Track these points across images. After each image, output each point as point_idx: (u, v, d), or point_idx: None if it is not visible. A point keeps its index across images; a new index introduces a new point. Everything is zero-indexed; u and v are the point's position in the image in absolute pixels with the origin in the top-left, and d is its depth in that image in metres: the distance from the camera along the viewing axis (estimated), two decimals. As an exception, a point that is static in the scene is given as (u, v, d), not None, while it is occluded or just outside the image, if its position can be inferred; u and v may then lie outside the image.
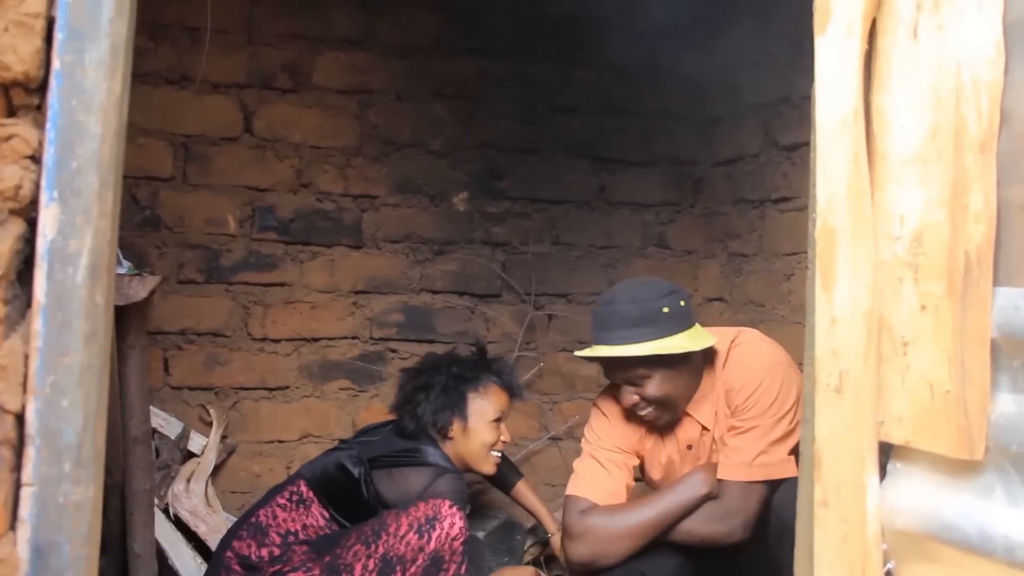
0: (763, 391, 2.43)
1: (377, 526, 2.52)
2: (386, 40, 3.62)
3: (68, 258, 1.20)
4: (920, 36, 1.31)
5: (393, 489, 2.67)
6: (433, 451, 2.78)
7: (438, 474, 2.68)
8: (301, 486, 2.69)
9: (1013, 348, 1.21)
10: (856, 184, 1.36)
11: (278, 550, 2.58)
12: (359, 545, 2.51)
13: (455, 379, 2.87)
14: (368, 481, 2.66)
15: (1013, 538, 1.16)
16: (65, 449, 1.19)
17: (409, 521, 2.50)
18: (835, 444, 1.39)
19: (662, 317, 2.41)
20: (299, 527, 2.62)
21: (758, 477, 2.39)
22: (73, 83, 1.21)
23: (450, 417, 2.83)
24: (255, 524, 2.64)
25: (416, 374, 2.92)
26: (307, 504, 2.65)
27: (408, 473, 2.70)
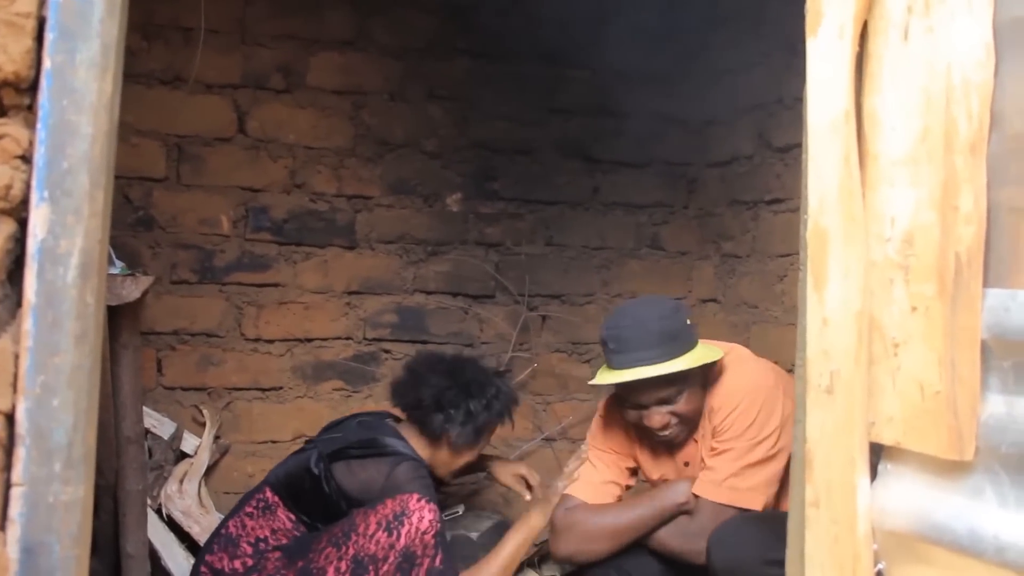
0: (740, 413, 2.42)
1: (347, 527, 2.49)
2: (380, 41, 3.61)
3: (58, 258, 1.20)
4: (911, 38, 1.31)
5: (352, 481, 2.61)
6: (392, 440, 2.72)
7: (396, 462, 2.63)
8: (266, 492, 2.66)
9: (1003, 349, 1.21)
10: (847, 185, 1.37)
11: (251, 560, 2.56)
12: (330, 548, 2.48)
13: (487, 409, 2.80)
14: (328, 476, 2.61)
15: (1003, 539, 1.16)
16: (55, 449, 1.19)
17: (377, 519, 2.46)
18: (826, 445, 1.39)
19: (685, 330, 2.44)
20: (268, 533, 2.59)
21: (724, 500, 2.38)
22: (64, 83, 1.21)
23: (464, 442, 2.77)
24: (226, 536, 2.61)
25: (446, 374, 2.80)
26: (272, 509, 2.62)
27: (367, 464, 2.64)
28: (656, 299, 2.64)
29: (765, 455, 2.38)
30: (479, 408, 2.77)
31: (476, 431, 2.78)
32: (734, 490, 2.38)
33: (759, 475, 2.39)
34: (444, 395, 2.75)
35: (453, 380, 2.78)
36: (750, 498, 2.37)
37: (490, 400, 2.80)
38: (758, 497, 2.37)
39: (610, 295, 3.90)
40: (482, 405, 2.78)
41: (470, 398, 2.77)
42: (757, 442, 2.39)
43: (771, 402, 2.41)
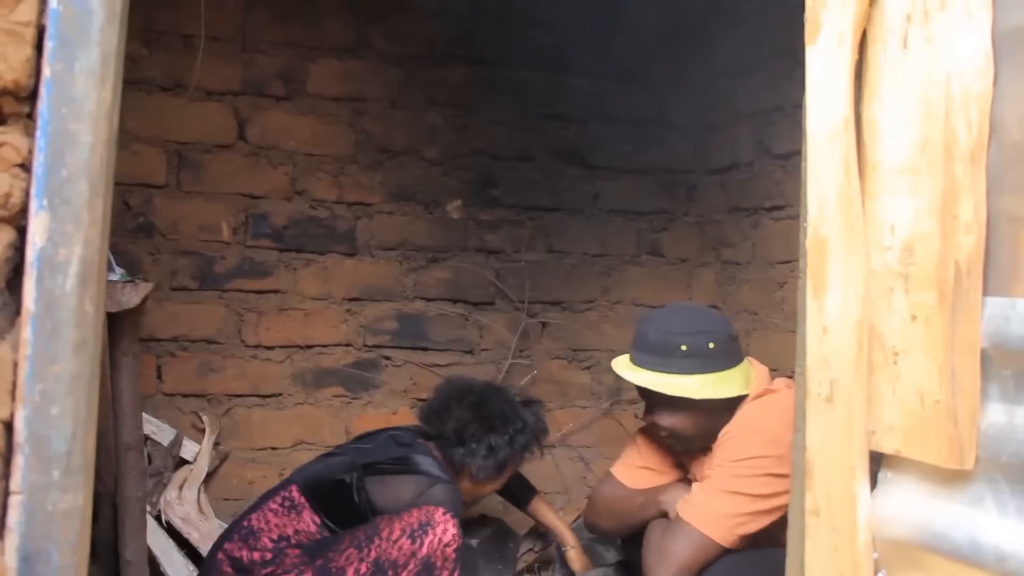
0: (734, 443, 2.41)
1: (370, 531, 2.52)
2: (380, 48, 3.62)
3: (58, 266, 1.20)
4: (910, 47, 1.31)
5: (385, 495, 2.65)
6: (427, 460, 2.75)
7: (431, 483, 2.66)
8: (293, 491, 2.68)
9: (1003, 358, 1.21)
10: (847, 194, 1.37)
11: (270, 554, 2.58)
12: (351, 549, 2.50)
13: (523, 448, 2.84)
14: (360, 487, 2.64)
15: (1003, 548, 1.16)
16: (54, 457, 1.18)
17: (402, 526, 2.49)
18: (826, 453, 1.39)
19: (678, 354, 2.41)
20: (291, 532, 2.61)
21: (690, 518, 2.36)
22: (63, 91, 1.21)
23: (489, 472, 2.80)
24: (247, 528, 2.63)
25: (505, 420, 2.82)
26: (298, 509, 2.64)
27: (401, 480, 2.67)
28: (690, 311, 2.64)
29: (741, 490, 2.33)
30: (501, 443, 2.79)
31: (497, 465, 2.80)
32: (698, 509, 2.35)
33: (726, 505, 2.33)
34: (467, 429, 2.78)
35: (477, 413, 2.80)
36: (709, 524, 2.32)
37: (513, 435, 2.82)
38: (717, 527, 2.31)
39: (610, 302, 3.90)
40: (504, 440, 2.80)
41: (492, 432, 2.79)
42: (737, 475, 2.34)
43: (767, 452, 2.33)
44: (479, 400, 2.84)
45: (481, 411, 2.81)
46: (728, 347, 2.48)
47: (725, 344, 2.47)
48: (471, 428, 2.78)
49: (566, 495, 3.81)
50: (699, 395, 2.40)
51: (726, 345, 2.48)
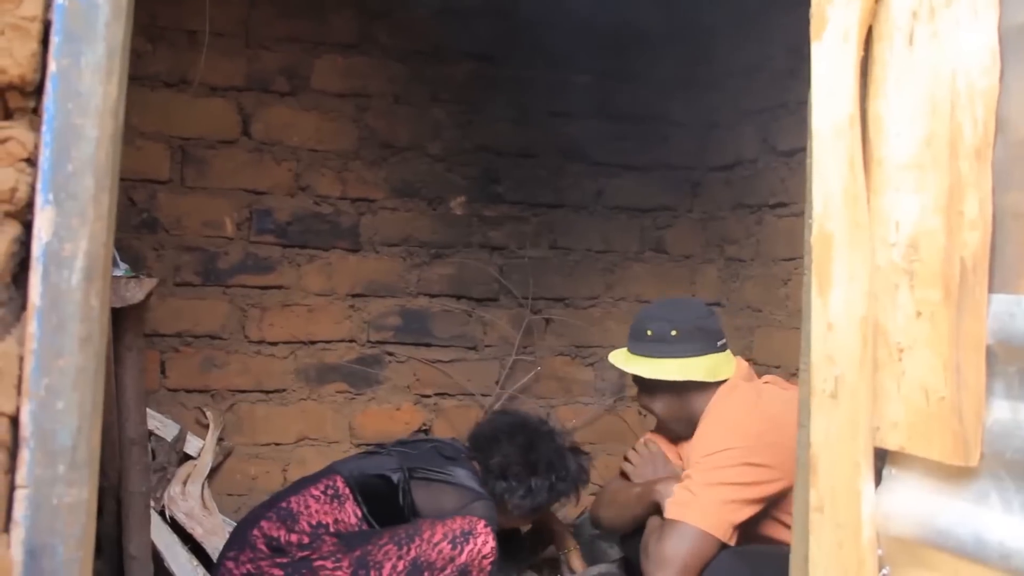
0: (702, 438, 2.48)
1: (411, 530, 2.56)
2: (384, 44, 3.62)
3: (63, 261, 1.20)
4: (916, 43, 1.31)
5: (429, 502, 2.70)
6: (470, 476, 2.80)
7: (475, 498, 2.72)
8: (337, 481, 2.69)
9: (1008, 354, 1.21)
10: (852, 190, 1.36)
11: (307, 538, 2.59)
12: (391, 545, 2.52)
13: (548, 489, 2.84)
14: (407, 490, 2.69)
15: (1008, 545, 1.16)
16: (59, 451, 1.19)
17: (444, 531, 2.53)
18: (830, 450, 1.39)
19: (644, 338, 2.60)
20: (331, 520, 2.62)
21: (681, 516, 2.37)
22: (69, 86, 1.21)
23: (519, 514, 2.86)
24: (286, 510, 2.63)
25: (551, 467, 2.85)
26: (342, 500, 2.66)
27: (446, 489, 2.72)
28: (674, 303, 2.85)
29: (718, 480, 2.36)
30: (541, 488, 2.83)
31: (533, 508, 2.86)
32: (686, 506, 2.37)
33: (711, 496, 2.36)
34: (511, 467, 2.82)
35: (525, 456, 2.83)
36: (700, 517, 2.34)
37: (555, 482, 2.85)
38: (708, 518, 2.33)
39: (614, 298, 3.90)
40: (545, 486, 2.83)
41: (535, 476, 2.82)
42: (712, 467, 2.38)
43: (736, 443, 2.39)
44: (528, 442, 2.87)
45: (529, 454, 2.84)
46: (692, 336, 2.58)
47: (689, 333, 2.58)
48: (515, 468, 2.82)
49: (569, 491, 3.81)
50: (648, 374, 2.55)
51: (690, 334, 2.58)
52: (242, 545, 2.61)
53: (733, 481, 2.35)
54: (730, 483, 2.35)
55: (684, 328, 2.57)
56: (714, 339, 2.61)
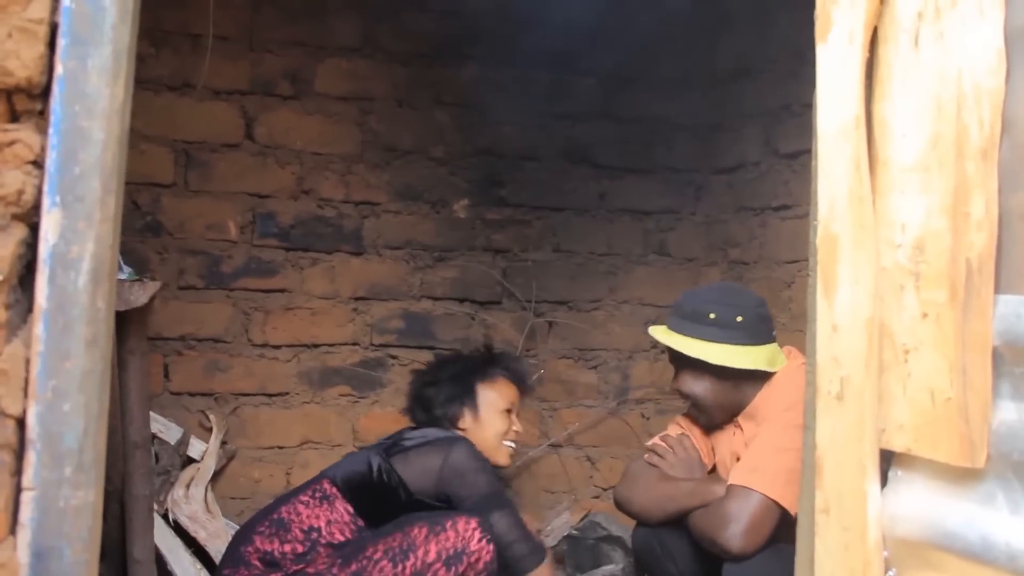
0: (776, 399, 2.44)
1: (405, 543, 2.51)
2: (387, 47, 3.62)
3: (70, 263, 1.20)
4: (921, 45, 1.31)
5: (414, 470, 2.68)
6: (438, 429, 2.83)
7: (451, 445, 2.71)
8: (324, 484, 2.69)
9: (1015, 356, 1.21)
10: (857, 192, 1.37)
11: (301, 547, 2.57)
12: (386, 561, 2.49)
13: (463, 371, 2.92)
14: (389, 469, 2.68)
15: (1015, 546, 1.16)
16: (66, 453, 1.19)
17: (438, 549, 2.50)
18: (836, 451, 1.39)
19: (706, 321, 2.49)
20: (322, 523, 2.61)
21: (741, 481, 2.34)
22: (76, 89, 1.22)
23: (460, 407, 2.87)
24: (277, 520, 2.63)
25: (424, 372, 2.99)
26: (331, 500, 2.65)
27: (423, 452, 2.72)
28: (733, 288, 2.82)
29: (788, 446, 2.27)
30: (457, 372, 2.90)
31: (467, 389, 2.89)
32: (753, 473, 2.34)
33: (780, 463, 2.31)
34: (424, 394, 2.92)
35: (427, 382, 2.94)
36: (767, 484, 2.30)
37: (461, 366, 2.94)
38: (776, 485, 2.29)
39: (617, 301, 3.89)
40: (458, 369, 2.92)
41: (441, 380, 2.91)
42: (785, 425, 2.33)
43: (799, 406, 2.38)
44: (424, 370, 3.04)
45: (425, 372, 3.01)
46: (756, 324, 2.52)
47: (753, 320, 2.52)
48: (428, 391, 2.92)
49: (572, 495, 3.81)
50: (717, 360, 2.45)
51: (754, 322, 2.52)
52: (236, 563, 2.61)
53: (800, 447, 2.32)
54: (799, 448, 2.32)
55: (749, 315, 2.51)
56: (771, 328, 2.58)
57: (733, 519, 2.30)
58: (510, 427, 2.92)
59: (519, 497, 3.76)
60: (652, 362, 3.90)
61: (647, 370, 3.88)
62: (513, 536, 2.60)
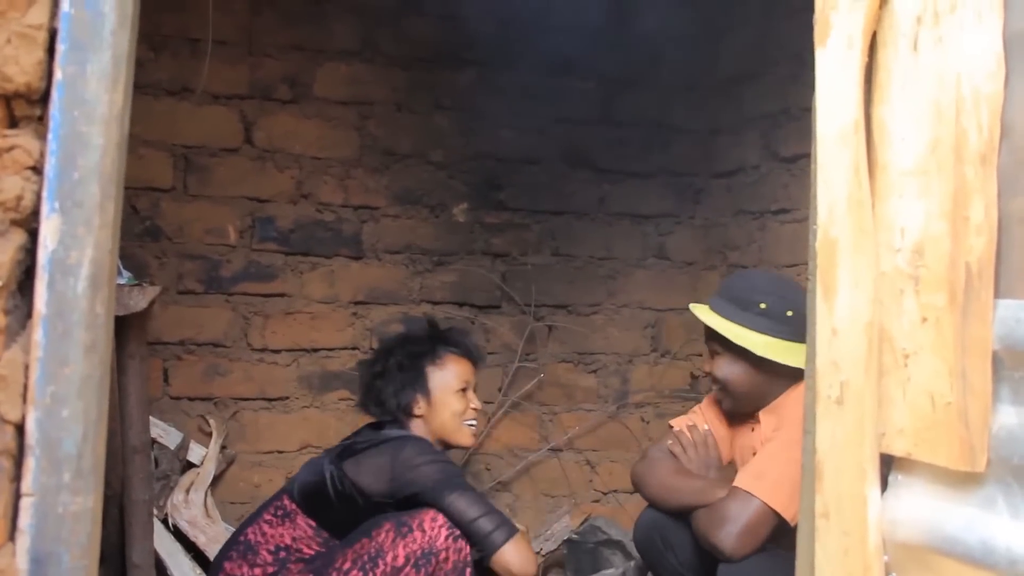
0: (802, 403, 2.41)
1: (373, 550, 2.47)
2: (386, 51, 3.62)
3: (69, 269, 1.20)
4: (920, 49, 1.31)
5: (363, 473, 2.60)
6: (394, 430, 2.72)
7: (400, 445, 2.62)
8: (284, 500, 2.65)
9: (1014, 360, 1.21)
10: (857, 196, 1.37)
11: (272, 567, 2.56)
12: (356, 571, 2.46)
13: (410, 356, 2.79)
14: (341, 475, 2.60)
15: (1015, 551, 1.16)
16: (65, 459, 1.19)
17: (407, 553, 2.45)
18: (836, 456, 1.39)
19: (755, 310, 2.46)
20: (288, 541, 2.58)
21: (750, 487, 2.34)
22: (75, 94, 1.22)
23: (412, 395, 2.74)
24: (244, 543, 2.60)
25: (372, 362, 2.85)
26: (292, 517, 2.61)
27: (373, 454, 2.63)
28: (777, 279, 2.69)
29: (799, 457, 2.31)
30: (404, 361, 2.77)
31: (417, 375, 2.76)
32: (758, 479, 2.33)
33: (787, 473, 2.27)
34: (375, 386, 2.78)
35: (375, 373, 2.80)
36: (770, 492, 2.30)
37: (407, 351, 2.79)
38: (778, 495, 2.29)
39: (616, 305, 3.89)
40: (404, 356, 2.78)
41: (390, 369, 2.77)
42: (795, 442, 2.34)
43: None
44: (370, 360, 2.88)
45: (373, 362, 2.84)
46: (801, 321, 2.49)
47: (800, 317, 2.48)
48: (369, 375, 2.80)
49: (572, 499, 3.80)
50: (760, 352, 2.43)
51: (803, 319, 2.49)
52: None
53: None
54: None
55: (799, 311, 2.45)
56: None
57: (730, 520, 2.31)
58: (467, 405, 2.80)
59: (518, 500, 3.76)
60: (651, 366, 3.90)
61: (646, 374, 3.88)
62: (473, 514, 2.49)
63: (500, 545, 2.47)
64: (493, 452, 3.75)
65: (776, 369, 2.46)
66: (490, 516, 2.51)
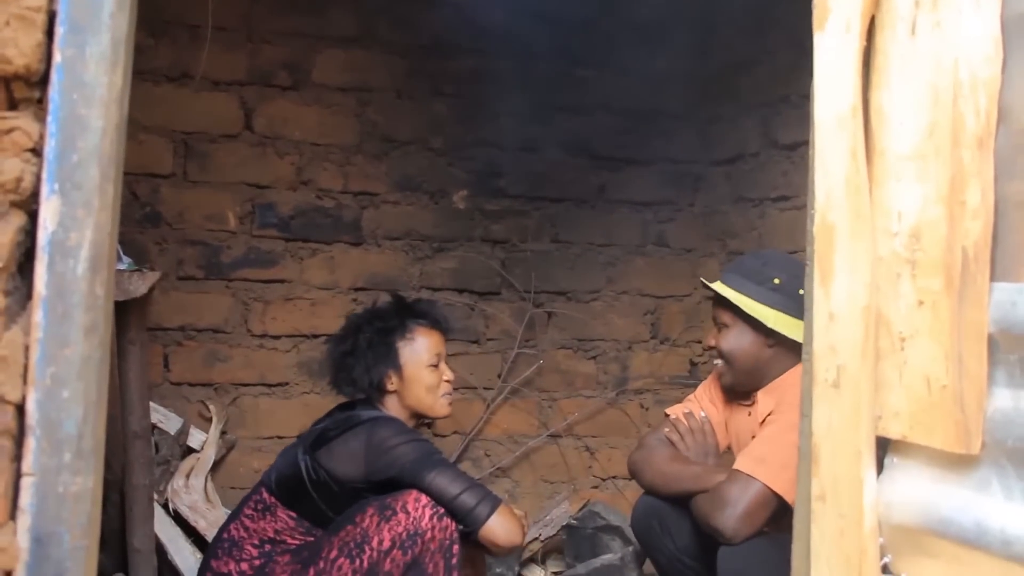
0: (788, 399, 2.40)
1: (359, 536, 2.47)
2: (386, 38, 3.62)
3: (69, 250, 1.21)
4: (918, 33, 1.31)
5: (336, 461, 2.56)
6: (365, 411, 2.68)
7: (372, 427, 2.59)
8: (263, 493, 2.62)
9: (1010, 343, 1.21)
10: (854, 180, 1.37)
11: (258, 560, 2.55)
12: (343, 559, 2.46)
13: (379, 332, 2.73)
14: (315, 465, 2.57)
15: (1009, 532, 1.16)
16: (65, 440, 1.19)
17: (392, 536, 2.45)
18: (832, 439, 1.40)
19: (768, 285, 2.47)
20: (272, 533, 2.57)
21: (746, 469, 2.35)
22: (74, 77, 1.22)
23: (384, 371, 2.69)
24: (229, 540, 2.59)
25: (341, 340, 2.79)
26: (272, 510, 2.58)
27: (345, 439, 2.59)
28: (790, 258, 2.68)
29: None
30: (373, 337, 2.72)
31: (387, 350, 2.71)
32: (759, 463, 2.34)
33: (790, 457, 2.32)
34: (345, 364, 2.73)
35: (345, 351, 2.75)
36: (772, 476, 2.30)
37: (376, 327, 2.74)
38: (780, 480, 2.29)
39: (616, 292, 3.90)
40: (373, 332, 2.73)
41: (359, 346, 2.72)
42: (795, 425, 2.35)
43: None
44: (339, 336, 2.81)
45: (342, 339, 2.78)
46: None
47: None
48: (339, 353, 2.74)
49: (572, 484, 3.82)
50: (771, 324, 2.45)
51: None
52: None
53: None
54: None
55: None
56: None
57: (731, 503, 2.32)
58: (440, 378, 2.74)
59: (517, 486, 3.77)
60: (651, 352, 3.91)
61: (646, 360, 3.89)
62: (454, 491, 2.47)
63: (485, 519, 2.46)
64: (492, 438, 3.76)
65: (782, 345, 2.47)
66: (472, 491, 2.49)
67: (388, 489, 2.54)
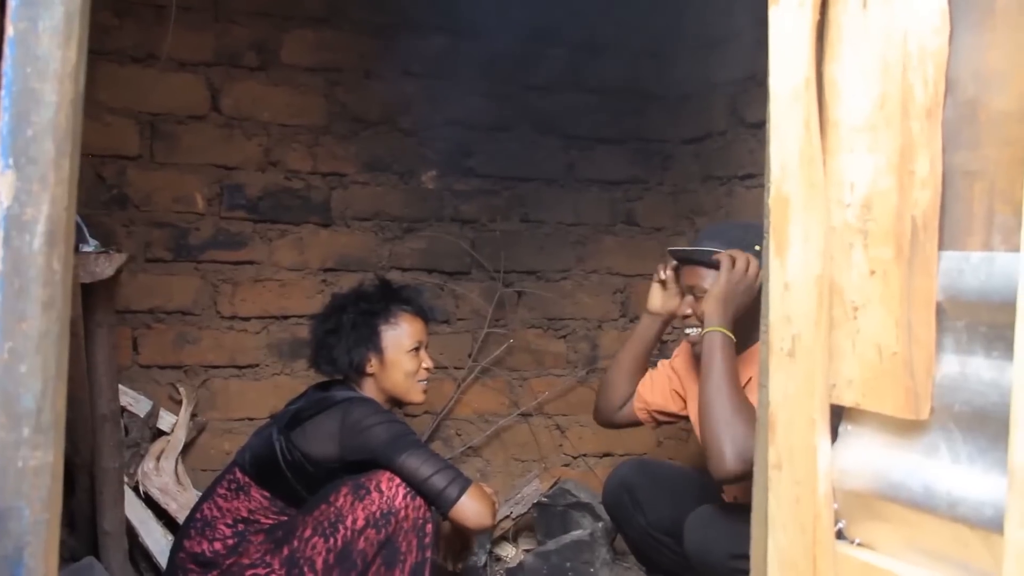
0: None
1: (333, 515, 2.49)
2: (354, 17, 3.60)
3: (24, 225, 1.20)
4: (869, 6, 1.33)
5: (311, 442, 2.59)
6: (341, 391, 2.71)
7: (347, 408, 2.61)
8: (236, 473, 2.64)
9: (957, 310, 1.24)
10: (808, 152, 1.39)
11: (232, 540, 2.56)
12: (317, 537, 2.48)
13: (363, 314, 2.76)
14: (290, 447, 2.59)
15: (955, 494, 1.19)
16: (24, 414, 1.19)
17: (366, 515, 2.47)
18: (788, 408, 1.42)
19: (750, 251, 2.45)
20: (245, 513, 2.58)
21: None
22: (27, 51, 1.21)
23: (365, 353, 2.72)
24: (202, 520, 2.60)
25: (324, 319, 2.81)
26: (245, 489, 2.60)
27: (319, 420, 2.62)
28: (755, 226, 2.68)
29: None
30: (357, 319, 2.74)
31: (370, 333, 2.73)
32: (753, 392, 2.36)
33: None
34: (327, 343, 2.75)
35: (328, 329, 2.78)
36: None
37: (361, 308, 2.76)
38: None
39: (585, 271, 3.92)
40: (357, 313, 2.75)
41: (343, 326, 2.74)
42: None
43: None
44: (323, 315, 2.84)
45: (325, 318, 2.81)
46: None
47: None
48: (322, 332, 2.77)
49: (542, 463, 3.85)
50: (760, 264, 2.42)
51: None
52: (173, 572, 2.61)
53: None
54: None
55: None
56: None
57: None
58: (420, 365, 2.78)
59: (488, 465, 3.80)
60: (621, 331, 3.93)
61: (616, 339, 3.91)
62: (425, 472, 2.50)
63: (455, 501, 2.49)
64: (463, 417, 3.78)
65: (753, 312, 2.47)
66: (442, 472, 2.51)
67: (362, 469, 2.56)
